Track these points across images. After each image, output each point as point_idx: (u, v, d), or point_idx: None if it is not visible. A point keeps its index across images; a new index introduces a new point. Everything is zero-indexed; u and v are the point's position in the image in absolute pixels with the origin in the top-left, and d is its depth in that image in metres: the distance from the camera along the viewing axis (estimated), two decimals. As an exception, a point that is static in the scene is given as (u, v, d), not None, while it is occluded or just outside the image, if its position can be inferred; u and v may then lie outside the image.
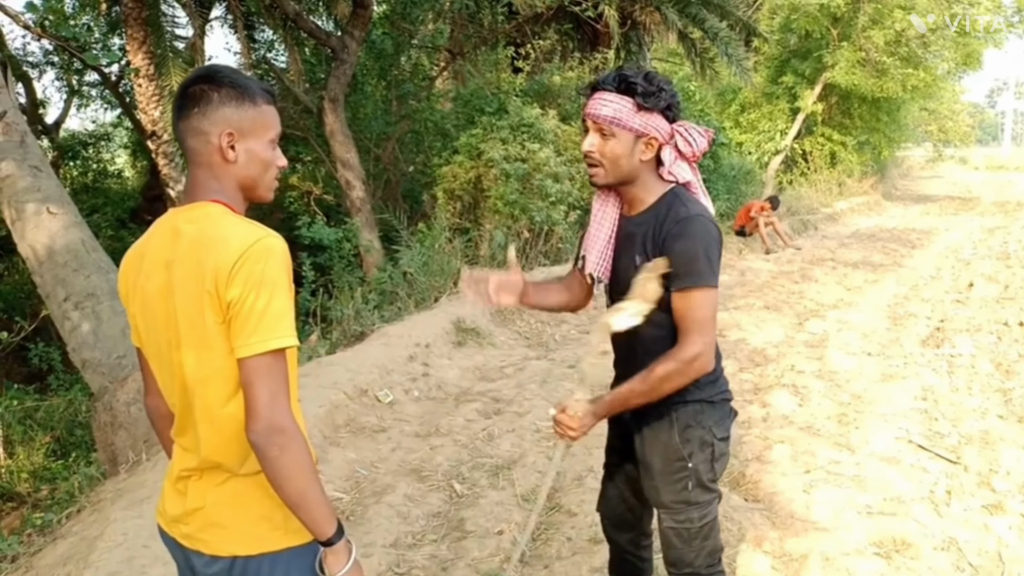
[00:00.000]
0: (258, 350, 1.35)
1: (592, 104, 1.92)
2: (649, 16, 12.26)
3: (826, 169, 18.89)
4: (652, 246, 1.91)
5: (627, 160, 1.92)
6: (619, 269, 2.03)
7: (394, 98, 11.14)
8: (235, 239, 1.38)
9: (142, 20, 10.27)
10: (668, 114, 1.92)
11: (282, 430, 1.35)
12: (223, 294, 1.36)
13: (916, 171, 32.92)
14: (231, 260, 1.35)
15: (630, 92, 1.87)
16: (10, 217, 4.62)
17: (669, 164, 1.95)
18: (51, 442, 6.20)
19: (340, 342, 6.23)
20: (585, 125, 1.96)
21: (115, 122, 16.82)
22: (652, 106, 1.88)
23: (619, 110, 1.88)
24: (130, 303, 1.54)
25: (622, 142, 1.90)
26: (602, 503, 2.36)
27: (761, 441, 4.34)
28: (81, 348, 4.51)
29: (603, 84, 1.92)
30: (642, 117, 1.89)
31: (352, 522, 3.46)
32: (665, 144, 1.94)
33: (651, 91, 1.87)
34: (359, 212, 9.59)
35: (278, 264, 1.39)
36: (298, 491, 1.38)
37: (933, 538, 3.26)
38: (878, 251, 11.98)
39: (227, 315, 1.37)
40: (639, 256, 1.94)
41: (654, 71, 1.95)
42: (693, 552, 2.09)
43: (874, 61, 15.98)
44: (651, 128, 1.90)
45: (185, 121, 1.47)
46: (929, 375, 5.48)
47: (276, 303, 1.37)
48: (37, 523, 3.85)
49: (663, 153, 1.94)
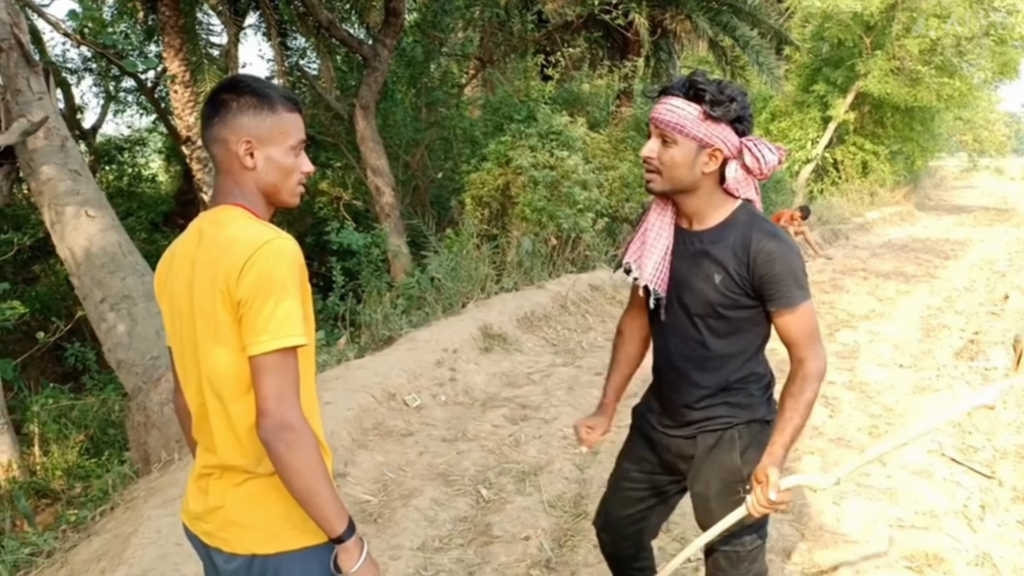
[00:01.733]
0: (267, 348, 1.39)
1: (658, 108, 1.84)
2: (680, 24, 12.20)
3: (858, 178, 18.67)
4: (738, 265, 1.83)
5: (687, 170, 1.83)
6: (687, 285, 1.92)
7: (424, 105, 11.22)
8: (245, 240, 1.43)
9: (178, 27, 10.47)
10: (738, 127, 1.82)
11: (290, 427, 1.39)
12: (234, 293, 1.40)
13: (950, 181, 32.42)
14: (241, 260, 1.40)
15: (698, 99, 1.79)
16: (50, 219, 4.72)
17: (733, 179, 1.86)
18: (85, 440, 6.31)
19: (369, 346, 6.27)
20: (649, 129, 1.89)
21: (150, 127, 17.10)
22: (720, 116, 1.78)
23: (684, 117, 1.80)
24: (162, 302, 1.61)
25: (683, 150, 1.81)
26: (607, 519, 2.24)
27: (791, 452, 4.30)
28: (116, 348, 4.59)
29: (672, 89, 1.84)
30: (708, 127, 1.79)
31: (380, 525, 3.48)
32: (732, 158, 1.84)
33: (720, 100, 1.78)
34: (388, 218, 9.66)
35: (288, 265, 1.42)
36: (306, 486, 1.40)
37: (966, 553, 3.21)
38: (911, 262, 11.81)
39: (238, 314, 1.41)
40: (719, 275, 1.85)
41: (729, 82, 1.87)
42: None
43: (908, 70, 15.78)
44: (716, 139, 1.81)
45: (208, 129, 1.54)
46: (963, 388, 5.39)
47: (285, 303, 1.40)
48: (71, 520, 3.92)
49: (728, 168, 1.85)
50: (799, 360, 1.85)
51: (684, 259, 1.92)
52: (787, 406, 1.84)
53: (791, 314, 1.83)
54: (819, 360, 1.85)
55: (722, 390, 1.96)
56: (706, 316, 1.90)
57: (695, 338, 1.94)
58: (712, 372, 1.93)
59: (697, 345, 1.93)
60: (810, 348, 1.84)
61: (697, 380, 1.95)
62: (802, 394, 1.83)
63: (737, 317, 1.89)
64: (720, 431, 1.98)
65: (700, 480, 2.02)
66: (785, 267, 1.81)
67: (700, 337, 1.93)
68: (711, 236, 1.89)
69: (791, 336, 1.85)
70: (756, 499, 1.80)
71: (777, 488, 1.77)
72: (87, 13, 6.73)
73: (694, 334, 1.93)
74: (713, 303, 1.88)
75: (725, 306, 1.87)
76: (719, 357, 1.92)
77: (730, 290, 1.85)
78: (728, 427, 1.97)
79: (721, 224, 1.88)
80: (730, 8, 12.15)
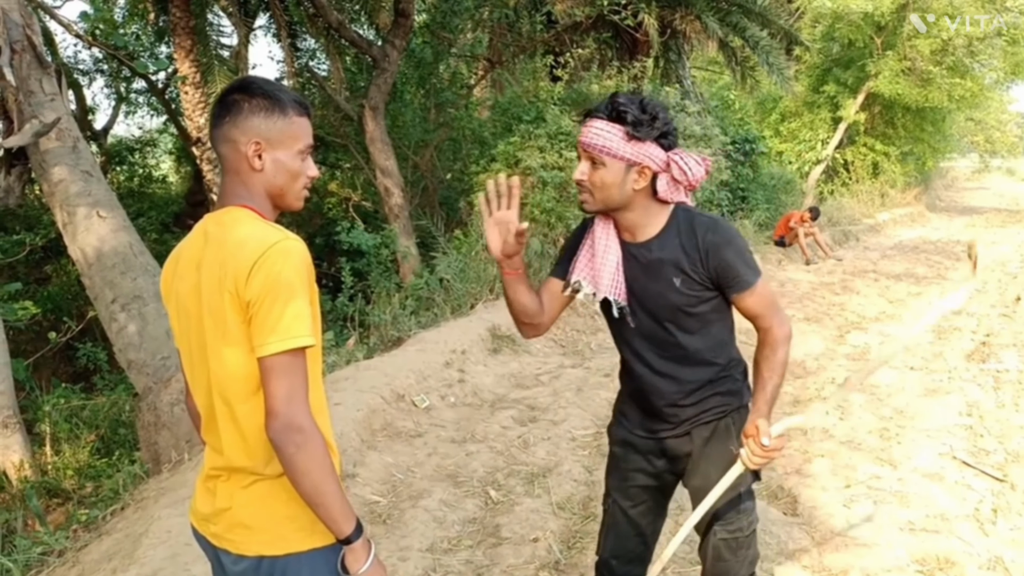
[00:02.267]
0: (276, 349, 1.39)
1: (584, 132, 1.88)
2: (689, 25, 12.18)
3: (868, 179, 18.58)
4: (692, 263, 1.91)
5: (618, 189, 1.88)
6: (649, 294, 1.97)
7: (433, 106, 11.23)
8: (254, 241, 1.43)
9: (189, 29, 10.53)
10: (663, 142, 1.87)
11: (299, 428, 1.39)
12: (243, 294, 1.40)
13: (961, 182, 32.22)
14: (250, 261, 1.40)
15: (621, 120, 1.83)
16: (62, 220, 4.75)
17: (664, 192, 1.92)
18: (96, 440, 6.34)
19: (378, 347, 6.28)
20: (578, 152, 1.93)
21: (161, 128, 17.19)
22: (644, 136, 1.83)
23: (609, 139, 1.84)
24: (168, 304, 1.61)
25: (612, 171, 1.86)
26: (610, 544, 2.25)
27: (800, 454, 4.29)
28: (127, 349, 4.62)
29: (595, 112, 1.88)
30: (634, 146, 1.84)
31: (389, 525, 3.49)
32: (661, 172, 1.90)
33: (643, 120, 1.83)
34: (397, 219, 9.68)
35: (296, 266, 1.42)
36: (314, 487, 1.41)
37: (978, 557, 3.19)
38: (922, 263, 11.75)
39: (247, 315, 1.41)
40: (677, 278, 1.92)
41: (650, 98, 1.91)
42: (739, 562, 2.08)
43: (919, 70, 15.70)
44: (643, 157, 1.86)
45: (218, 129, 1.54)
46: (974, 390, 5.36)
47: (294, 304, 1.40)
48: (82, 519, 3.94)
49: (659, 181, 1.90)
50: (766, 329, 1.95)
51: (639, 271, 1.98)
52: (763, 368, 1.94)
53: (751, 294, 1.92)
54: (784, 325, 1.96)
55: (709, 381, 2.03)
56: (675, 319, 1.97)
57: (669, 341, 2.00)
58: (696, 367, 2.01)
59: (673, 347, 2.00)
60: (774, 316, 1.94)
61: (684, 377, 2.02)
62: (775, 355, 1.94)
63: (703, 311, 1.96)
64: (714, 421, 2.05)
65: (699, 474, 2.07)
66: (734, 252, 1.90)
67: (674, 339, 1.99)
68: (659, 244, 1.95)
69: (754, 311, 1.95)
70: (751, 450, 1.87)
71: (768, 435, 1.84)
72: (99, 15, 6.76)
73: (668, 338, 2.00)
74: (679, 305, 1.95)
75: (691, 304, 1.95)
76: (697, 351, 2.00)
77: (692, 289, 1.93)
78: (722, 416, 2.05)
79: (663, 231, 1.95)
80: (740, 9, 12.12)
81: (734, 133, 13.51)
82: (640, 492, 2.18)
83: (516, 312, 2.05)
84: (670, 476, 2.17)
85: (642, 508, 2.19)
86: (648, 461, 2.15)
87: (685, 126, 9.74)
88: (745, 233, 11.88)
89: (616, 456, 2.22)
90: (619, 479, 2.21)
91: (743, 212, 13.38)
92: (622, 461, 2.20)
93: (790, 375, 5.82)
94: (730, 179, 12.27)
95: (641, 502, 2.19)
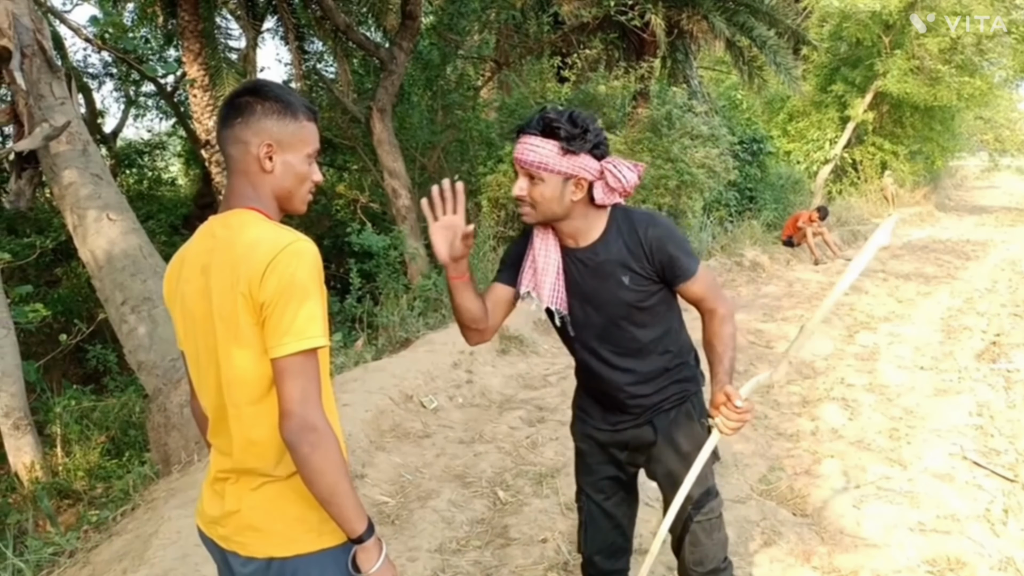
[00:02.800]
0: (290, 350, 1.40)
1: (519, 149, 1.92)
2: (696, 25, 12.14)
3: (877, 179, 18.51)
4: (637, 259, 1.97)
5: (558, 202, 1.93)
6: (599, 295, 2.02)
7: (440, 108, 11.24)
8: (266, 243, 1.43)
9: (198, 32, 10.57)
10: (596, 152, 1.92)
11: (314, 427, 1.39)
12: (256, 296, 1.41)
13: (971, 181, 32.06)
14: (263, 263, 1.40)
15: (554, 135, 1.87)
16: (72, 223, 4.77)
17: (601, 199, 1.96)
18: (106, 442, 6.38)
19: (386, 348, 6.30)
20: (515, 168, 1.96)
21: (170, 131, 17.25)
22: (577, 149, 1.87)
23: (545, 155, 1.88)
24: (172, 307, 1.60)
25: (550, 185, 1.90)
26: (591, 541, 2.28)
27: (810, 455, 4.28)
28: (137, 350, 4.64)
29: (527, 129, 1.91)
30: (569, 160, 1.89)
31: (397, 526, 3.49)
32: (596, 180, 1.94)
33: (575, 134, 1.87)
34: (405, 220, 9.69)
35: (309, 267, 1.43)
36: (329, 487, 1.41)
37: (989, 558, 3.18)
38: (931, 263, 11.69)
39: (260, 317, 1.42)
40: (626, 276, 1.98)
41: (578, 111, 1.94)
42: (715, 545, 2.13)
43: (928, 69, 15.63)
44: (579, 169, 1.90)
45: (228, 129, 1.53)
46: (984, 390, 5.33)
47: (307, 305, 1.41)
48: (92, 520, 3.96)
49: (595, 189, 1.95)
50: (710, 311, 2.03)
51: (587, 274, 2.03)
52: (715, 344, 2.01)
53: (695, 282, 2.01)
54: (727, 303, 2.06)
55: (666, 370, 2.11)
56: (628, 315, 2.03)
57: (624, 336, 2.06)
58: (652, 356, 2.08)
59: (628, 341, 2.06)
60: (717, 299, 2.03)
61: (641, 368, 2.08)
62: (724, 330, 2.02)
63: (653, 304, 2.03)
64: (675, 408, 2.12)
65: (665, 461, 2.13)
66: (675, 245, 1.98)
67: (629, 334, 2.05)
68: (603, 246, 2.00)
69: (698, 296, 2.03)
70: (725, 417, 1.90)
71: (740, 397, 1.88)
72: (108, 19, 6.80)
73: (622, 334, 2.06)
74: (630, 302, 2.01)
75: (641, 300, 2.01)
76: (652, 342, 2.07)
77: (640, 285, 2.00)
78: (682, 402, 2.13)
79: (605, 233, 2.01)
80: (747, 8, 12.08)
81: (741, 133, 13.47)
82: (610, 484, 2.24)
83: (462, 318, 2.06)
84: (633, 468, 2.24)
85: (615, 499, 2.25)
86: (612, 454, 2.21)
87: (692, 126, 9.72)
88: (753, 233, 11.87)
89: (582, 452, 2.28)
90: (588, 474, 2.27)
91: (751, 212, 13.34)
92: (588, 456, 2.26)
93: (798, 375, 5.80)
94: (738, 179, 12.24)
95: (613, 494, 2.25)
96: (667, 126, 9.55)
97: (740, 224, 12.27)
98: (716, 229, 11.64)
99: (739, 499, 3.70)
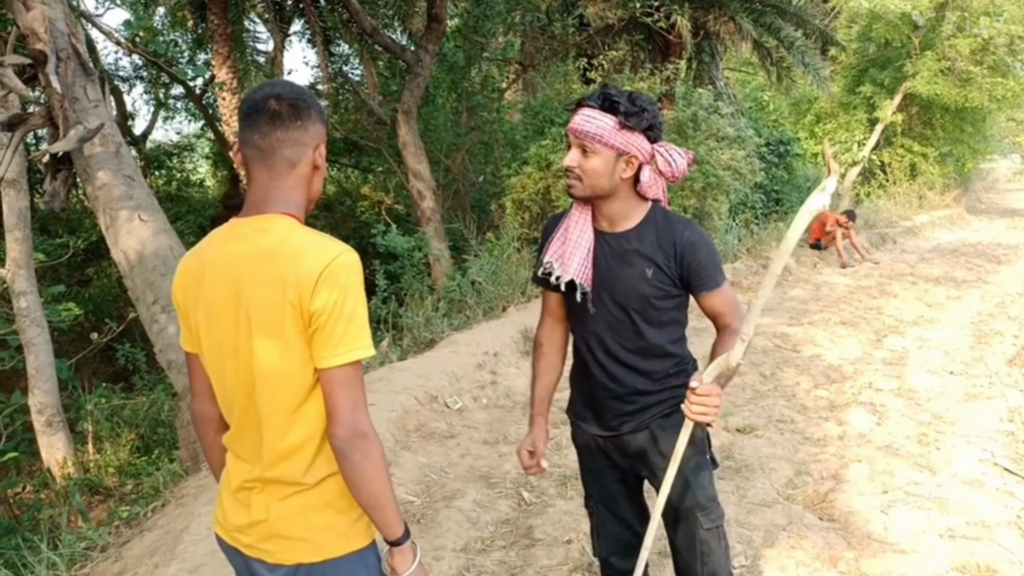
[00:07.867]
0: (344, 360, 1.41)
1: (576, 120, 1.94)
2: (723, 26, 12.08)
3: (906, 181, 18.26)
4: (666, 258, 1.99)
5: (607, 177, 1.94)
6: (620, 282, 2.03)
7: (464, 110, 11.29)
8: (316, 252, 1.42)
9: (227, 35, 10.71)
10: (650, 134, 1.94)
11: (364, 435, 1.42)
12: (307, 306, 1.39)
13: (1003, 184, 31.55)
14: (315, 273, 1.39)
15: (613, 110, 1.90)
16: (104, 223, 4.85)
17: (646, 183, 1.98)
18: (136, 439, 6.48)
19: (411, 349, 6.33)
20: (568, 140, 1.98)
21: (198, 133, 17.48)
22: (634, 125, 1.90)
23: (602, 127, 1.90)
24: (191, 310, 1.54)
25: (603, 159, 1.92)
26: (606, 543, 2.30)
27: (837, 460, 4.24)
28: (167, 349, 4.70)
29: (587, 101, 1.94)
30: (624, 136, 1.91)
31: (423, 525, 3.52)
32: (645, 163, 1.97)
33: (633, 111, 1.89)
34: (429, 222, 9.74)
35: (358, 278, 1.44)
36: (375, 493, 1.44)
37: (1021, 565, 3.13)
38: (961, 266, 11.52)
39: (309, 326, 1.41)
40: (650, 269, 1.99)
41: (639, 92, 1.97)
42: (722, 552, 2.13)
43: (959, 70, 15.41)
44: (632, 147, 1.92)
45: (284, 131, 1.47)
46: (1016, 396, 5.25)
47: (358, 315, 1.43)
48: (123, 516, 4.03)
49: (643, 172, 1.97)
50: (727, 326, 2.02)
51: (612, 258, 2.04)
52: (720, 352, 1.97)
53: (717, 294, 2.02)
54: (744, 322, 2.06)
55: (668, 374, 2.10)
56: (641, 309, 2.03)
57: (633, 330, 2.06)
58: (656, 358, 2.08)
59: (636, 337, 2.06)
60: (735, 315, 2.03)
61: (645, 368, 2.08)
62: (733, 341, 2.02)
63: (667, 307, 2.04)
64: (671, 413, 2.10)
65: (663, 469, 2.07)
66: (707, 254, 2.00)
67: (638, 329, 2.05)
68: (636, 235, 2.02)
69: (718, 310, 2.03)
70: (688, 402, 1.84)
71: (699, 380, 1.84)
72: (140, 23, 6.92)
73: (631, 327, 2.05)
74: (647, 296, 2.01)
75: (658, 297, 2.01)
76: (658, 345, 2.07)
77: (662, 282, 2.00)
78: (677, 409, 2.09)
79: (641, 223, 2.03)
80: (774, 9, 11.99)
81: (768, 134, 13.37)
82: (616, 488, 2.24)
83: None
84: (633, 475, 2.23)
85: (624, 503, 2.26)
86: (613, 460, 2.21)
87: (718, 128, 9.67)
88: (779, 236, 11.76)
89: (584, 459, 2.28)
90: (593, 481, 2.28)
91: (777, 214, 13.24)
92: (590, 462, 2.26)
93: (825, 379, 5.75)
94: (764, 181, 12.15)
95: (621, 498, 2.25)
96: (693, 128, 9.50)
97: (766, 226, 12.18)
98: (742, 231, 11.56)
99: (765, 503, 3.68)
